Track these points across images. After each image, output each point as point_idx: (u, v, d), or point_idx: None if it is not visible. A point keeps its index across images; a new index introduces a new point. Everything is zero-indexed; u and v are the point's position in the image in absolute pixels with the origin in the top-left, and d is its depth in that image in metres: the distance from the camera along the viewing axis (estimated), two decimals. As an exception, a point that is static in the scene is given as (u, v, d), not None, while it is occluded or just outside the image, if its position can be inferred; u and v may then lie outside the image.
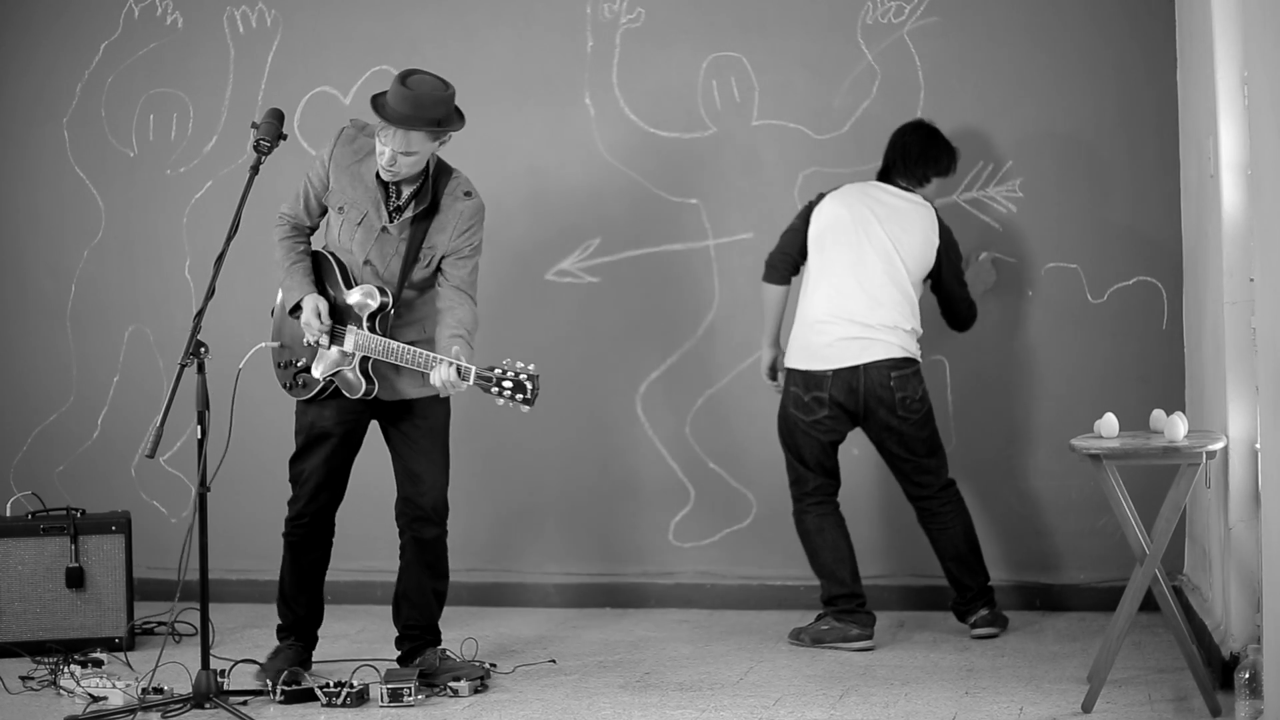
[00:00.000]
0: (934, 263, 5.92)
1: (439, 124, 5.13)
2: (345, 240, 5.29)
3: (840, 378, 5.81)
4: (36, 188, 6.98)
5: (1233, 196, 5.04)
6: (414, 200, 5.25)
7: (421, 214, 5.24)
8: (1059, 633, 5.93)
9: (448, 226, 5.25)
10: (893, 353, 5.81)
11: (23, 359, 7.01)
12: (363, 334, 5.21)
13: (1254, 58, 4.40)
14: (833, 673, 5.41)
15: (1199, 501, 5.73)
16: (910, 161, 5.96)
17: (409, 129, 5.08)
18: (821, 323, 5.84)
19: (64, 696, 5.24)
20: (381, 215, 5.24)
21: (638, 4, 6.54)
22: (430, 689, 5.20)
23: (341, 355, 5.25)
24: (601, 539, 6.58)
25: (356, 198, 5.26)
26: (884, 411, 5.81)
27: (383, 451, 5.48)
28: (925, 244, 5.90)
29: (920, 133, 6.00)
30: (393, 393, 5.33)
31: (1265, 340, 4.28)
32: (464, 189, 5.30)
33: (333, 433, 5.35)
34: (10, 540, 5.88)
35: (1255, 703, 4.43)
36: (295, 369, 5.34)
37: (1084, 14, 6.24)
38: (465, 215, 5.26)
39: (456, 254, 5.27)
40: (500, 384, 4.97)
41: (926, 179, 5.98)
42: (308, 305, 5.24)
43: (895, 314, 5.83)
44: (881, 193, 5.93)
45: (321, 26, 6.73)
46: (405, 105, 5.07)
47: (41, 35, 6.93)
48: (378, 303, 5.21)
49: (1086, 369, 6.27)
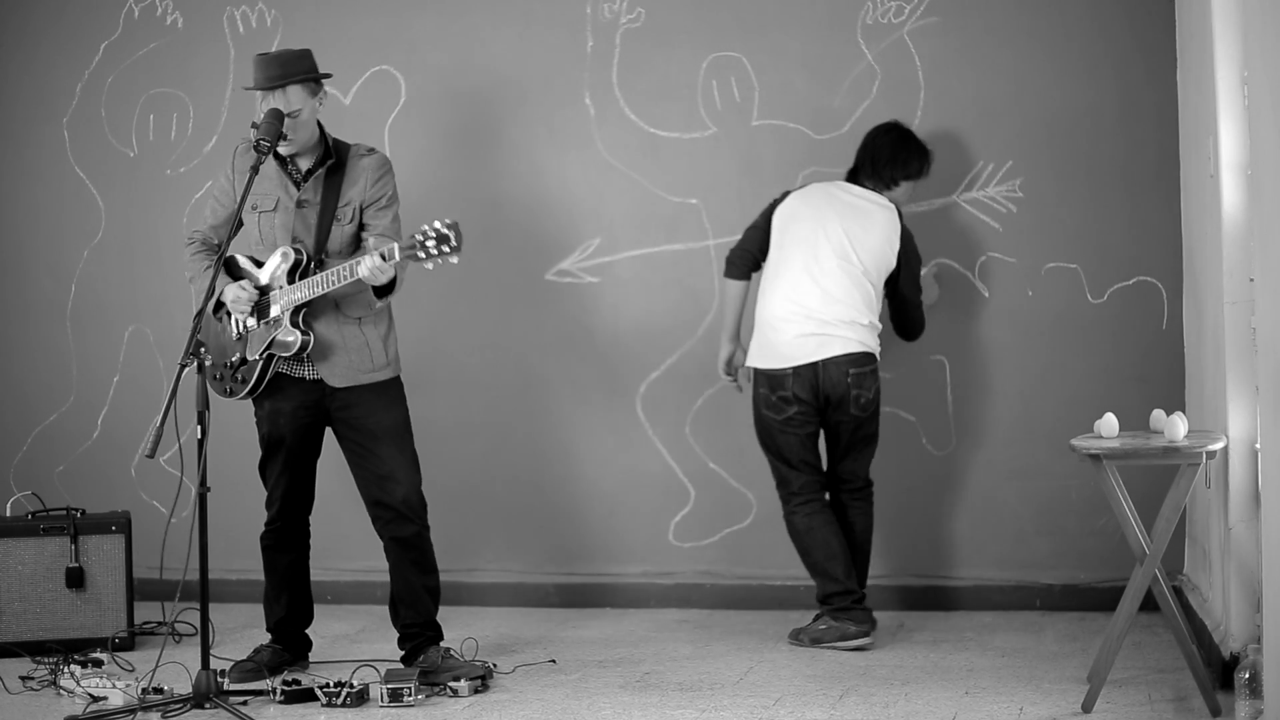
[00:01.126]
0: (893, 266, 5.94)
1: (307, 73, 5.30)
2: (267, 232, 5.36)
3: (801, 374, 5.84)
4: (36, 188, 6.98)
5: (1233, 196, 5.04)
6: (318, 165, 5.36)
7: (330, 175, 5.34)
8: (1059, 633, 5.93)
9: (359, 179, 5.36)
10: (851, 348, 5.84)
11: (23, 359, 7.01)
12: (285, 289, 5.27)
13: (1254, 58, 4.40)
14: (833, 673, 5.41)
15: (1199, 501, 5.73)
16: (879, 164, 5.99)
17: (283, 85, 5.26)
18: (780, 320, 5.87)
19: (64, 696, 5.24)
20: (291, 192, 5.34)
21: (638, 4, 6.54)
22: (430, 688, 5.20)
23: (270, 324, 5.29)
24: (602, 539, 6.58)
25: (265, 190, 5.36)
26: (838, 405, 5.88)
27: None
28: (885, 245, 5.91)
29: (891, 135, 6.02)
30: (344, 376, 5.34)
31: (1265, 340, 4.28)
32: (365, 148, 5.44)
33: (287, 438, 5.41)
34: (10, 540, 5.88)
35: (1255, 703, 4.43)
36: (230, 368, 5.38)
37: (1084, 14, 6.24)
38: (373, 166, 5.39)
39: (374, 205, 5.37)
40: (424, 246, 5.04)
41: (895, 182, 6.00)
42: (229, 290, 5.31)
43: (852, 310, 5.85)
44: (845, 193, 5.96)
45: (321, 26, 6.73)
46: (271, 68, 5.29)
47: (41, 35, 6.93)
48: (293, 259, 5.28)
49: (1086, 369, 6.27)
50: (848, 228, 5.87)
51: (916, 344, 6.32)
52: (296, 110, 5.27)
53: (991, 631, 5.98)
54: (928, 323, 6.27)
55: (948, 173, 6.32)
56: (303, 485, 5.51)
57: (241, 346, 5.37)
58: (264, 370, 5.33)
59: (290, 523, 5.53)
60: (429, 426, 6.23)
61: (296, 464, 5.46)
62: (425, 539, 5.46)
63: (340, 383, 5.35)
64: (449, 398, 6.43)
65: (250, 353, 5.34)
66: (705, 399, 6.51)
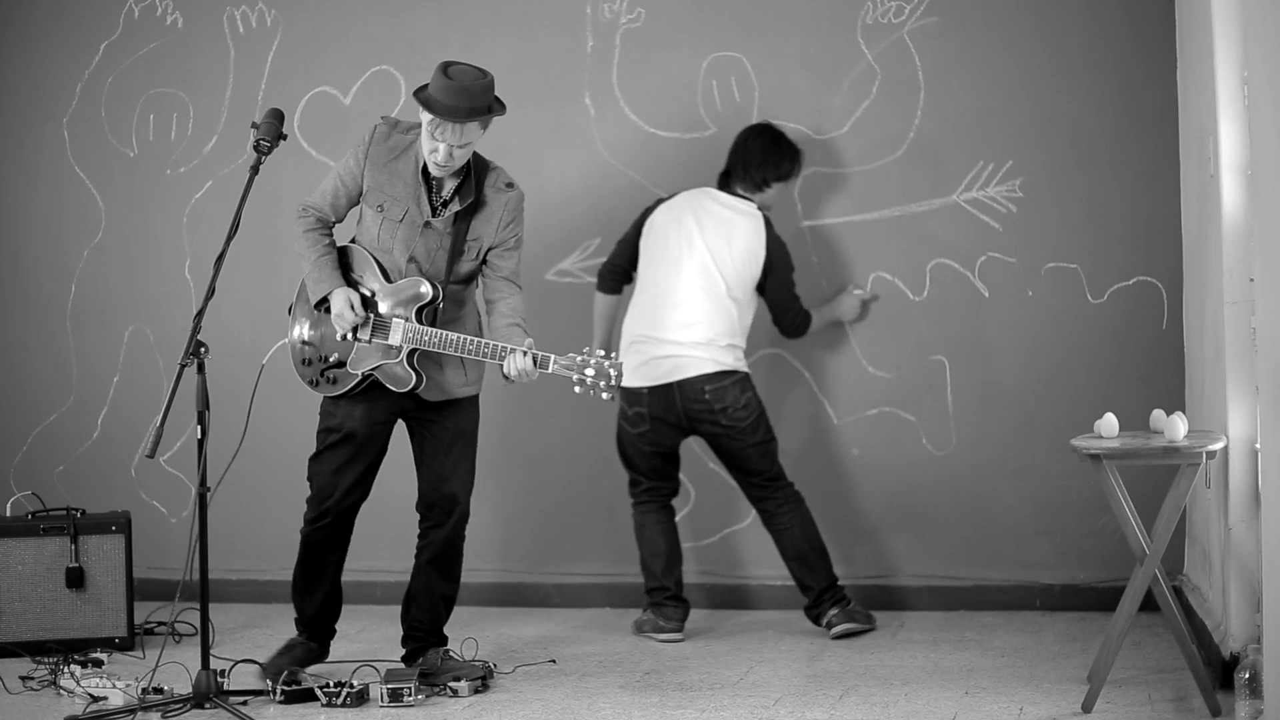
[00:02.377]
0: (760, 273, 6.00)
1: (489, 111, 5.13)
2: (386, 239, 5.24)
3: (656, 394, 5.94)
4: (36, 188, 6.98)
5: (1233, 196, 5.04)
6: (458, 194, 5.23)
7: (465, 209, 5.23)
8: (1059, 633, 5.93)
9: (494, 218, 5.25)
10: (705, 368, 5.91)
11: (23, 359, 7.00)
12: (412, 325, 5.16)
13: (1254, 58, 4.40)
14: (833, 672, 5.41)
15: (1199, 501, 5.73)
16: (750, 167, 6.05)
17: (465, 121, 5.06)
18: (636, 343, 5.98)
19: (64, 696, 5.24)
20: (424, 210, 5.21)
21: (638, 4, 6.54)
22: (430, 689, 5.20)
23: (385, 349, 5.20)
24: (602, 539, 6.58)
25: (397, 194, 5.22)
26: (707, 423, 5.94)
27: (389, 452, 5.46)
28: (749, 256, 5.98)
29: (763, 137, 6.08)
30: (438, 391, 5.29)
31: (1265, 340, 4.28)
32: (505, 180, 5.31)
33: (362, 433, 5.29)
34: (10, 540, 5.88)
35: (1255, 703, 4.43)
36: (323, 364, 5.28)
37: (1084, 14, 6.24)
38: (510, 206, 5.27)
39: (503, 245, 5.27)
40: (582, 374, 5.02)
41: (766, 184, 6.06)
42: (339, 298, 5.18)
43: (710, 330, 5.93)
44: (712, 202, 6.01)
45: (321, 26, 6.73)
46: (457, 98, 5.05)
47: (41, 35, 6.93)
48: (429, 295, 5.17)
49: (1086, 369, 6.27)
50: (711, 244, 5.94)
51: (916, 344, 6.33)
52: (466, 144, 5.11)
53: (991, 631, 5.98)
54: (927, 323, 6.28)
55: (948, 173, 6.33)
56: (365, 484, 5.37)
57: (341, 349, 5.24)
58: (357, 386, 5.23)
59: (342, 520, 5.38)
60: (429, 426, 6.23)
61: (365, 462, 5.33)
62: (460, 550, 5.43)
63: (433, 397, 5.29)
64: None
65: (352, 364, 5.22)
66: (705, 399, 6.50)
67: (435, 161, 5.13)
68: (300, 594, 5.47)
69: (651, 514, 6.09)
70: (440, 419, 5.34)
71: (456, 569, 5.46)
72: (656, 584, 6.04)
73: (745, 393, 5.97)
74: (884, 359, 6.38)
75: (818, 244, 6.42)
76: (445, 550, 5.40)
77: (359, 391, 5.26)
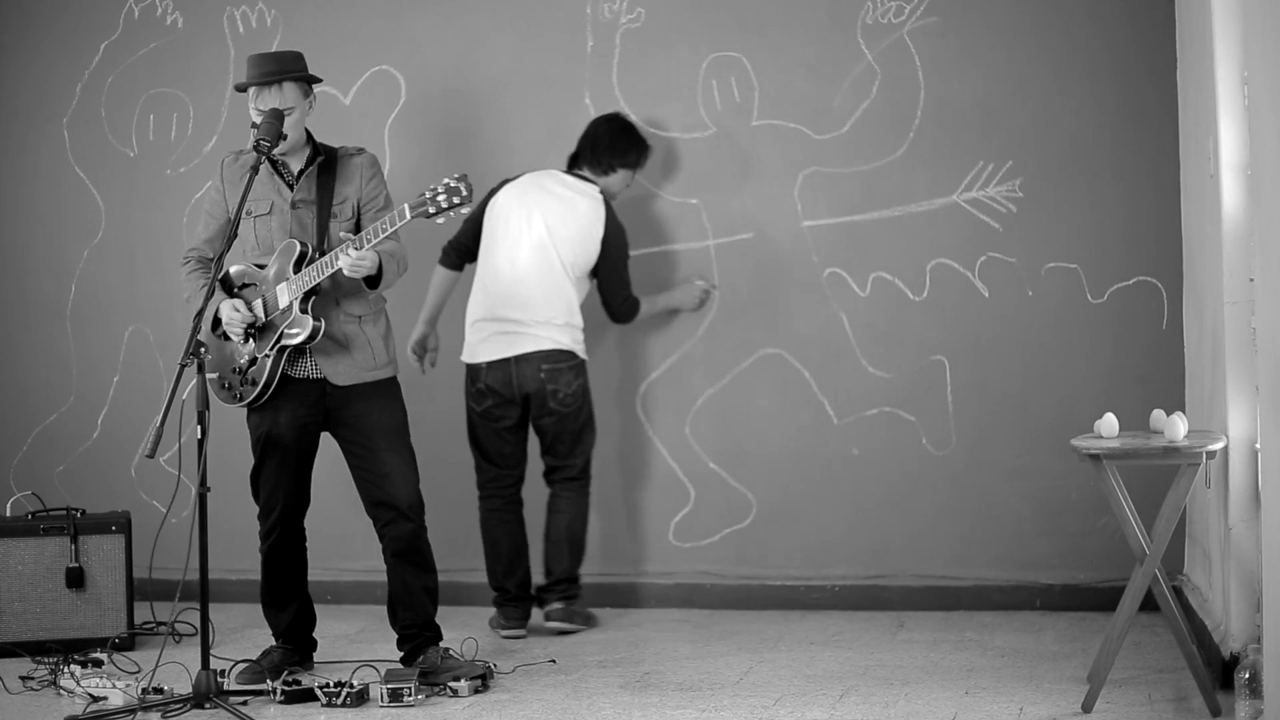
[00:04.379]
0: (596, 255, 6.11)
1: (301, 73, 5.33)
2: (264, 235, 5.36)
3: (494, 369, 6.07)
4: (36, 188, 6.98)
5: (1233, 196, 5.04)
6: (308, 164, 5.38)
7: (323, 173, 5.36)
8: (1059, 633, 5.93)
9: (354, 176, 5.39)
10: (543, 345, 6.04)
11: (23, 359, 7.01)
12: (291, 278, 5.28)
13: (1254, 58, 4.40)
14: (833, 672, 5.41)
15: (1199, 501, 5.73)
16: (599, 150, 6.19)
17: (280, 80, 5.28)
18: (478, 322, 6.12)
19: (64, 696, 5.24)
20: (285, 195, 5.36)
21: (638, 4, 6.54)
22: (430, 688, 5.20)
23: (281, 317, 5.28)
24: (602, 539, 6.58)
25: (258, 195, 5.36)
26: (538, 402, 6.06)
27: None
28: (585, 238, 6.09)
29: (613, 124, 6.25)
30: (348, 375, 5.35)
31: (1265, 340, 4.28)
32: (354, 148, 5.47)
33: (288, 436, 5.36)
34: (10, 540, 5.88)
35: (1255, 703, 4.43)
36: (239, 372, 5.35)
37: (1084, 14, 6.24)
38: (366, 164, 5.43)
39: (372, 205, 5.39)
40: (434, 201, 5.13)
41: (612, 168, 6.20)
42: (223, 307, 5.31)
43: (549, 309, 6.05)
44: (554, 183, 6.13)
45: (321, 26, 6.73)
46: (266, 64, 5.32)
47: (41, 35, 6.93)
48: (298, 250, 5.28)
49: (1086, 369, 6.27)
50: (550, 223, 6.06)
51: (916, 344, 6.33)
52: (290, 108, 5.30)
53: (991, 631, 5.98)
54: (927, 323, 6.27)
55: (948, 173, 6.33)
56: (302, 488, 5.47)
57: (248, 349, 5.34)
58: (275, 366, 5.30)
59: (290, 529, 5.47)
60: (429, 426, 6.24)
61: (296, 465, 5.41)
62: (423, 539, 5.45)
63: (344, 381, 5.35)
64: (449, 398, 6.42)
65: (260, 350, 5.31)
66: (705, 399, 6.51)
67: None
68: (272, 610, 5.54)
69: (496, 511, 6.16)
70: (360, 416, 5.37)
71: (429, 559, 5.47)
72: (497, 584, 6.15)
73: (579, 379, 6.11)
74: (884, 359, 6.38)
75: (818, 244, 6.42)
76: (409, 543, 5.41)
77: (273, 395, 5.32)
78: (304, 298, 5.27)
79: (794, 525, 6.45)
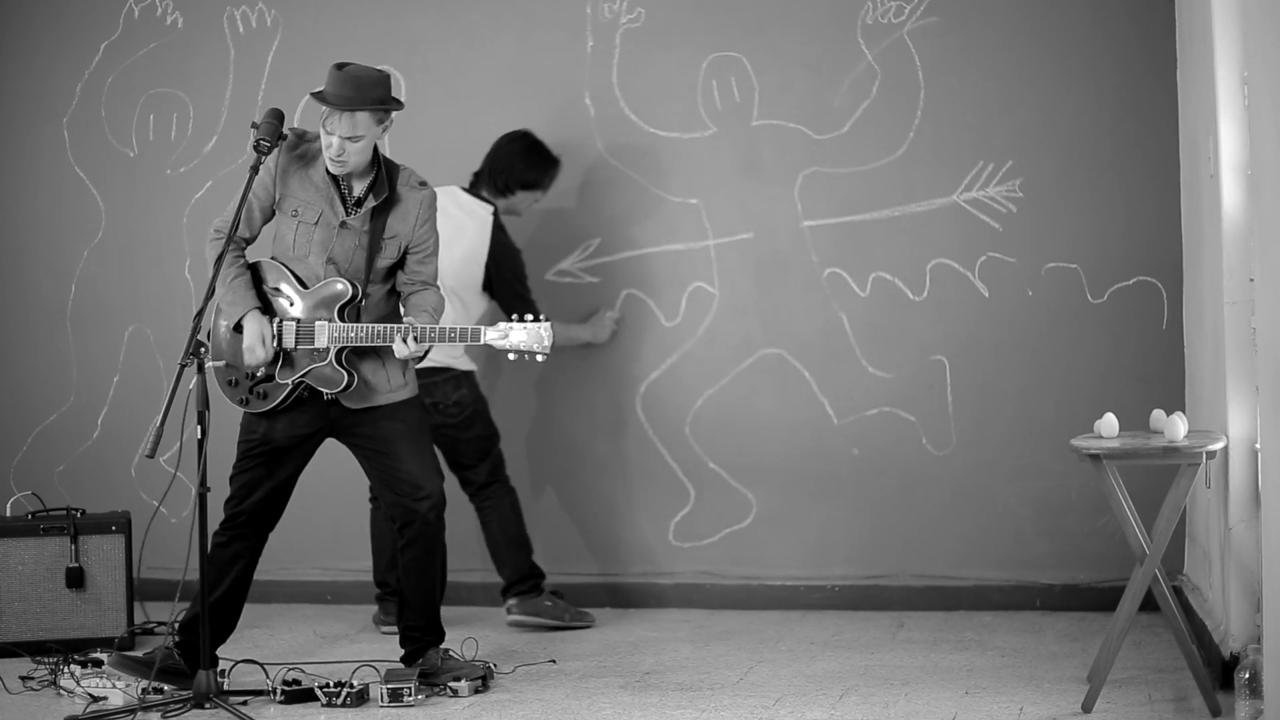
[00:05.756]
0: (483, 275, 6.12)
1: (381, 103, 5.15)
2: (302, 244, 5.22)
3: None
4: (36, 188, 6.98)
5: (1233, 196, 5.04)
6: (371, 192, 5.24)
7: (381, 205, 5.24)
8: (1059, 633, 5.93)
9: (410, 215, 5.25)
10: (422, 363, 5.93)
11: (23, 359, 7.01)
12: (336, 324, 5.17)
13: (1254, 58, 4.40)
14: (833, 672, 5.41)
15: (1199, 501, 5.73)
16: (497, 171, 6.21)
17: (354, 110, 5.09)
18: None
19: (64, 696, 5.24)
20: (338, 211, 5.22)
21: (638, 4, 6.54)
22: (430, 689, 5.19)
23: (312, 353, 5.17)
24: (601, 539, 6.58)
25: (309, 199, 5.22)
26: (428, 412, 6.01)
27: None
28: (469, 259, 6.09)
29: (516, 144, 6.25)
30: (361, 398, 5.24)
31: (1265, 340, 4.28)
32: (418, 179, 5.32)
33: (285, 445, 5.25)
34: (10, 540, 5.88)
35: (1255, 703, 4.43)
36: (251, 381, 5.23)
37: (1084, 14, 6.24)
38: (425, 204, 5.27)
39: (420, 248, 5.27)
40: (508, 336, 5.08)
41: (510, 189, 6.21)
42: (252, 328, 5.15)
43: None
44: (450, 203, 6.07)
45: (321, 26, 6.73)
46: (345, 88, 5.10)
47: (41, 35, 6.94)
48: (349, 293, 5.17)
49: (1086, 369, 6.27)
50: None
51: (916, 344, 6.33)
52: (359, 136, 5.12)
53: (991, 631, 5.98)
54: (927, 323, 6.28)
55: (948, 173, 6.33)
56: (282, 496, 5.31)
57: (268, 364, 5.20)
58: (289, 395, 5.20)
59: (255, 528, 5.28)
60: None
61: (285, 471, 5.28)
62: (441, 541, 5.38)
63: (355, 405, 5.25)
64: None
65: (281, 374, 5.19)
66: (705, 399, 6.51)
67: (329, 156, 5.15)
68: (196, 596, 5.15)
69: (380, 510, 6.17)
70: (373, 426, 5.26)
71: (442, 561, 5.40)
72: (379, 579, 6.23)
73: (458, 390, 6.11)
74: (884, 359, 6.38)
75: (818, 244, 6.42)
76: (432, 549, 5.33)
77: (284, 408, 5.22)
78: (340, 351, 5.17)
79: (794, 525, 6.45)
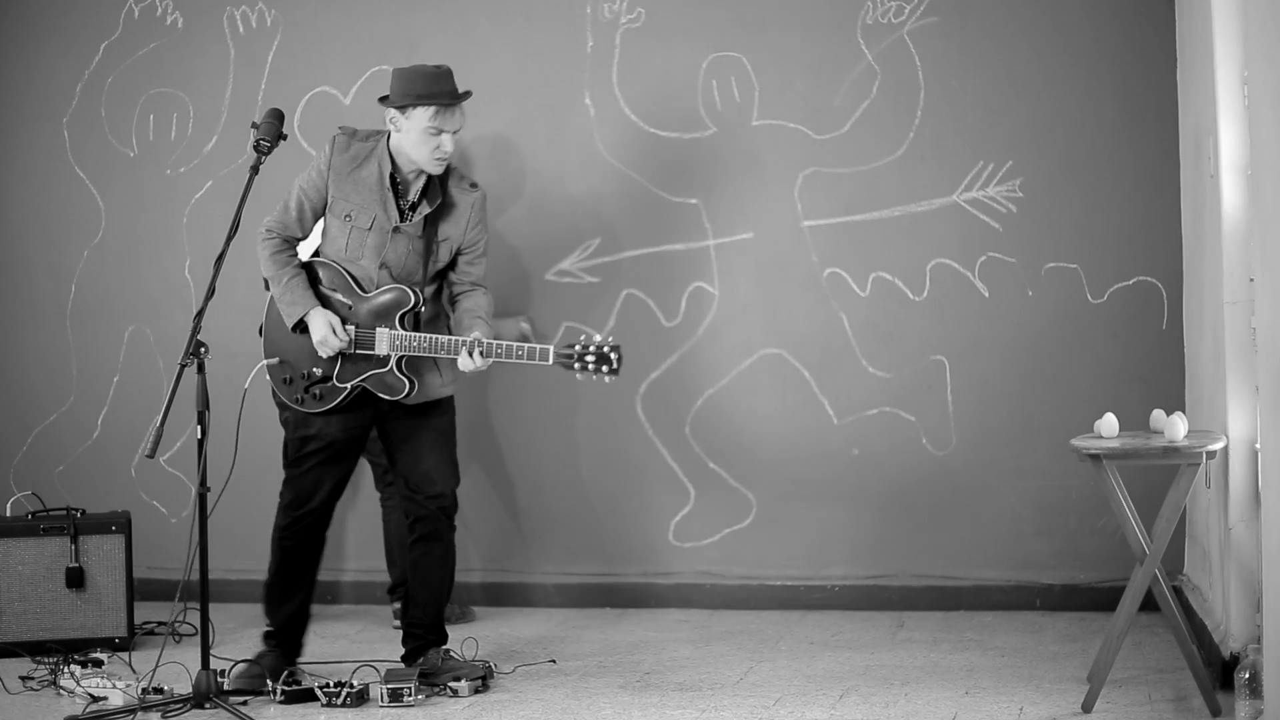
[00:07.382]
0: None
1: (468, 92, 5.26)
2: (355, 247, 5.24)
3: None
4: (36, 188, 6.98)
5: (1233, 196, 5.04)
6: (425, 197, 5.24)
7: (435, 209, 5.24)
8: (1059, 633, 5.93)
9: (462, 218, 5.27)
10: None
11: (23, 359, 7.01)
12: (398, 333, 5.18)
13: (1254, 58, 4.40)
14: (833, 672, 5.41)
15: (1199, 501, 5.73)
16: None
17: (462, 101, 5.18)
18: None
19: (64, 696, 5.24)
20: (392, 216, 5.22)
21: (638, 4, 6.54)
22: (430, 689, 5.20)
23: (372, 359, 5.20)
24: (601, 539, 6.58)
25: (362, 202, 5.23)
26: None
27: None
28: None
29: None
30: (420, 395, 5.29)
31: (1265, 340, 4.28)
32: (469, 181, 5.35)
33: (342, 440, 5.30)
34: (10, 540, 5.88)
35: (1255, 703, 4.43)
36: (306, 381, 5.26)
37: (1084, 14, 6.24)
38: (477, 206, 5.30)
39: (471, 250, 5.30)
40: (582, 359, 5.07)
41: None
42: (319, 323, 5.18)
43: None
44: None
45: (321, 26, 6.73)
46: (448, 83, 5.16)
47: (42, 35, 6.93)
48: (411, 301, 5.18)
49: (1086, 369, 6.27)
50: None
51: (916, 344, 6.34)
52: (459, 128, 5.19)
53: (991, 631, 5.98)
54: (927, 323, 6.28)
55: (948, 173, 6.33)
56: (344, 484, 5.40)
57: (324, 365, 5.23)
58: (347, 398, 5.24)
59: (320, 525, 5.39)
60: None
61: (346, 466, 5.36)
62: (451, 542, 5.41)
63: (415, 401, 5.29)
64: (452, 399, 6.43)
65: (339, 377, 5.22)
66: (705, 399, 6.51)
67: (440, 156, 5.17)
68: (274, 603, 5.39)
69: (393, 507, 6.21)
70: (418, 420, 5.33)
71: (452, 561, 5.44)
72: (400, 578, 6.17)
73: None
74: (884, 359, 6.38)
75: (818, 244, 6.42)
76: (441, 547, 5.38)
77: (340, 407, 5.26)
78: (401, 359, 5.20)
79: (794, 525, 6.45)
